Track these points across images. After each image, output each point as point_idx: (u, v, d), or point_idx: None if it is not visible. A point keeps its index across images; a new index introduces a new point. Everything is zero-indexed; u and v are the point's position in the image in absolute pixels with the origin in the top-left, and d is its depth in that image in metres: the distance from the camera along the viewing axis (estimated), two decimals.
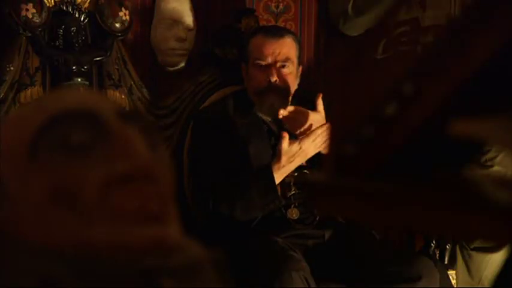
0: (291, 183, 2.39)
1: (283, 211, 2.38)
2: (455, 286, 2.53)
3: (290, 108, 2.39)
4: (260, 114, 2.47)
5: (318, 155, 2.43)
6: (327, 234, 2.39)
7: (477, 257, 2.79)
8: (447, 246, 2.59)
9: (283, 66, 2.44)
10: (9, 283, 0.69)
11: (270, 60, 2.43)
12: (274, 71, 2.43)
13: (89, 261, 0.71)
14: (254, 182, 2.31)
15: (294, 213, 2.39)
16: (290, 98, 2.48)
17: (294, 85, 2.49)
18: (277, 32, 2.51)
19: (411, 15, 2.83)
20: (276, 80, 2.42)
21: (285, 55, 2.45)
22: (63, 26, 2.58)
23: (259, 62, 2.44)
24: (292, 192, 2.39)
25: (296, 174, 2.39)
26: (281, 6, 2.99)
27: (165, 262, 0.72)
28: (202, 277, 0.74)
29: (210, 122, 2.48)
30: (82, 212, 0.72)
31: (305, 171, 2.41)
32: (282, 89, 2.44)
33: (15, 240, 0.72)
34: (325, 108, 2.41)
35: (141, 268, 0.71)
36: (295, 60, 2.48)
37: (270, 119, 2.48)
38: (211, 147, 2.41)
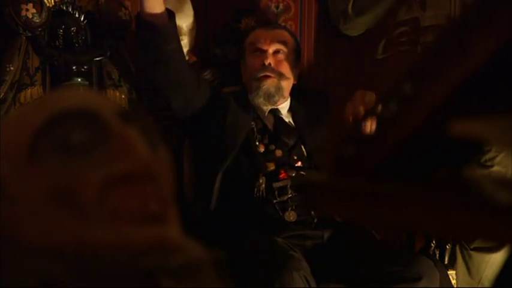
0: (288, 186, 2.39)
1: (280, 214, 2.38)
2: (455, 286, 2.53)
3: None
4: (257, 102, 2.48)
5: (317, 155, 2.43)
6: (326, 235, 2.39)
7: (477, 257, 2.79)
8: (447, 246, 2.59)
9: (278, 52, 2.50)
10: (9, 283, 0.69)
11: (265, 45, 2.50)
12: (268, 55, 2.49)
13: (89, 261, 0.71)
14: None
15: (291, 216, 2.39)
16: (286, 90, 2.50)
17: (288, 74, 2.50)
18: (273, 25, 2.63)
19: (411, 15, 2.84)
20: (270, 63, 2.48)
21: (279, 41, 2.51)
22: (63, 26, 2.58)
23: (255, 45, 2.51)
24: (289, 195, 2.39)
25: (293, 174, 2.39)
26: (281, 6, 2.99)
27: (165, 262, 0.72)
28: (202, 277, 0.74)
29: None
30: (82, 212, 0.72)
31: (302, 172, 2.41)
32: (277, 72, 2.48)
33: (15, 240, 0.72)
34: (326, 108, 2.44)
35: (141, 268, 0.71)
36: (290, 51, 2.52)
37: (268, 107, 2.49)
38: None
